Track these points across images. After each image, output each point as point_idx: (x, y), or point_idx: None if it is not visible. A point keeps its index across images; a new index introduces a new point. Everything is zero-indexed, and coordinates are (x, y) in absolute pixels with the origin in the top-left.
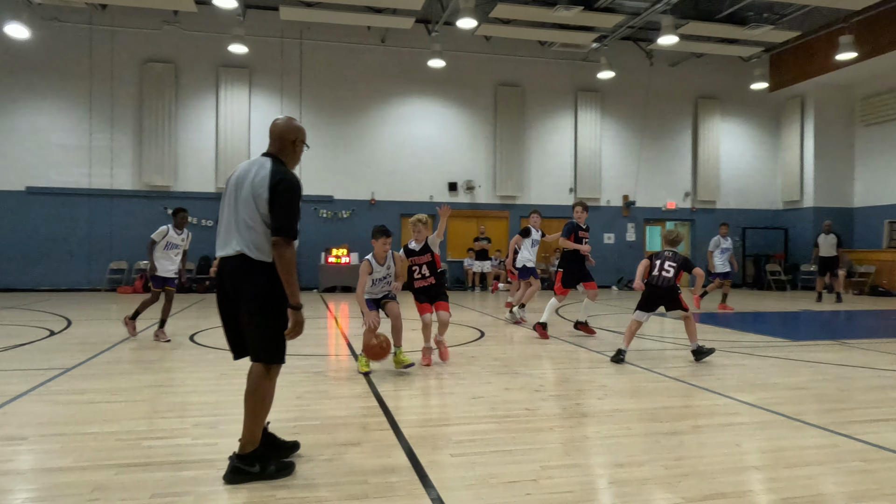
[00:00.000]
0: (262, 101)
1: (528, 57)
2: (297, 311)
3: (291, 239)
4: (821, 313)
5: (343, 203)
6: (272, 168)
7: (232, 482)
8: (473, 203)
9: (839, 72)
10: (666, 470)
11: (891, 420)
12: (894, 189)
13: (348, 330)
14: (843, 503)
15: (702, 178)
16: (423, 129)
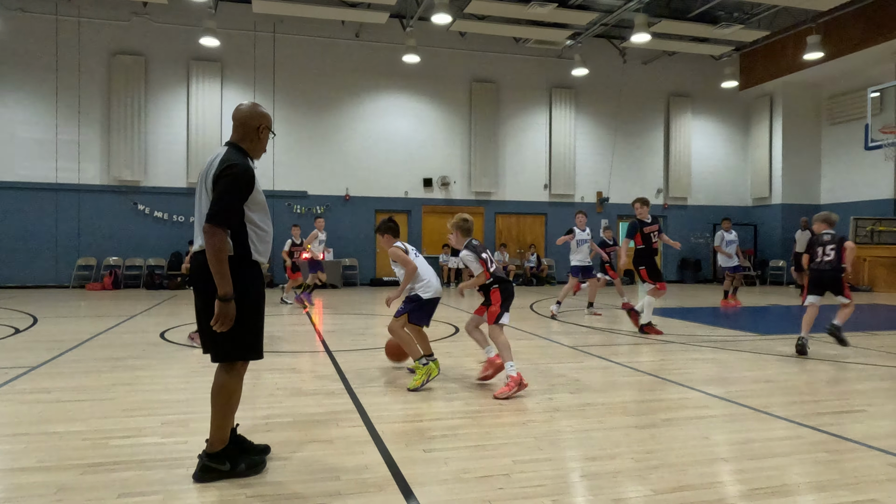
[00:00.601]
0: (234, 95)
1: (502, 53)
2: (224, 303)
3: (216, 226)
4: (788, 308)
5: (317, 198)
6: (225, 155)
7: (202, 480)
8: (448, 199)
9: (806, 71)
10: (637, 462)
11: (853, 412)
12: (859, 186)
13: (322, 326)
14: (808, 493)
15: (674, 174)
16: (398, 124)
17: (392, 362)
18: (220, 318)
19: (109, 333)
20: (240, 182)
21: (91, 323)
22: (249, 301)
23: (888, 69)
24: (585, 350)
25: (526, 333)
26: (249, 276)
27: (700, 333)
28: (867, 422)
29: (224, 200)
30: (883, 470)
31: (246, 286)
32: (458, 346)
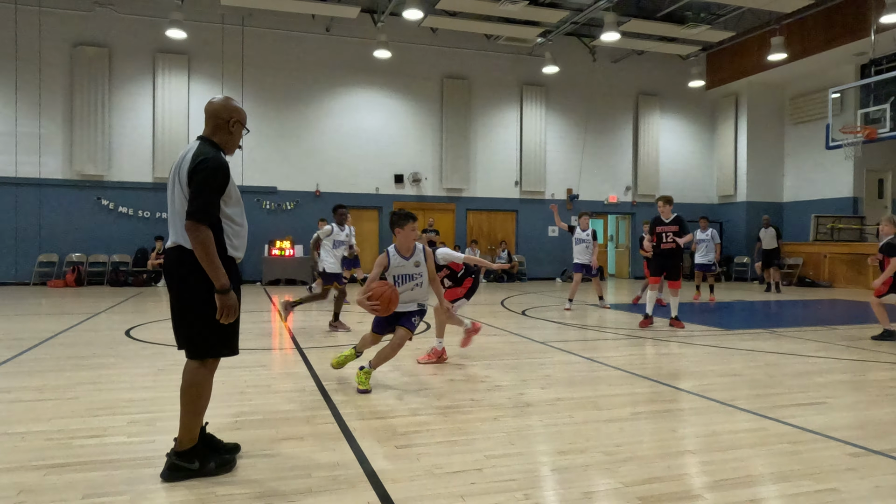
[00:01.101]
0: (202, 88)
1: (474, 50)
2: (223, 295)
3: (199, 223)
4: (752, 303)
5: (287, 194)
6: (197, 150)
7: (170, 480)
8: (420, 195)
9: (770, 72)
10: (606, 456)
11: (815, 404)
12: (820, 185)
13: (292, 323)
14: (771, 483)
15: (642, 172)
16: (369, 120)
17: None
18: (223, 311)
19: (72, 331)
20: (215, 176)
21: (53, 321)
22: None
23: (848, 71)
24: (556, 346)
25: (497, 329)
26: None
27: (667, 328)
28: (827, 413)
29: (202, 196)
30: (842, 460)
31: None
32: (428, 343)
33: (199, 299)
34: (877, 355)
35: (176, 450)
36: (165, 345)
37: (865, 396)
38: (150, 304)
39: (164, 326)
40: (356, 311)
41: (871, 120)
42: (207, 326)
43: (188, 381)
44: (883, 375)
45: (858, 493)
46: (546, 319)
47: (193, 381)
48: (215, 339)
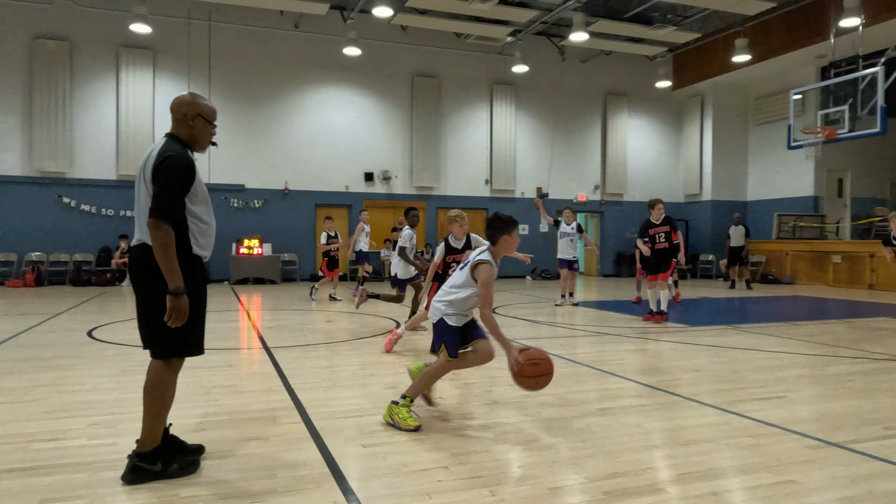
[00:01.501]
0: (167, 84)
1: (444, 48)
2: (175, 297)
3: (161, 220)
4: (717, 300)
5: (255, 192)
6: (162, 147)
7: (131, 482)
8: (390, 193)
9: (735, 73)
10: (572, 451)
11: (775, 398)
12: (782, 184)
13: (260, 323)
14: (733, 476)
15: (610, 171)
16: (338, 117)
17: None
18: (172, 313)
19: (31, 332)
20: (179, 173)
21: (11, 321)
22: (190, 296)
23: (809, 73)
24: (526, 343)
25: None
26: (189, 271)
27: (635, 325)
28: (787, 407)
29: (166, 193)
30: (801, 452)
31: (185, 280)
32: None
33: (163, 298)
34: (835, 350)
35: (138, 451)
36: (130, 345)
37: (824, 390)
38: (113, 303)
39: (128, 326)
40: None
41: (830, 121)
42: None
43: (151, 381)
44: (841, 369)
45: (815, 484)
46: (516, 317)
47: (157, 381)
48: (180, 338)
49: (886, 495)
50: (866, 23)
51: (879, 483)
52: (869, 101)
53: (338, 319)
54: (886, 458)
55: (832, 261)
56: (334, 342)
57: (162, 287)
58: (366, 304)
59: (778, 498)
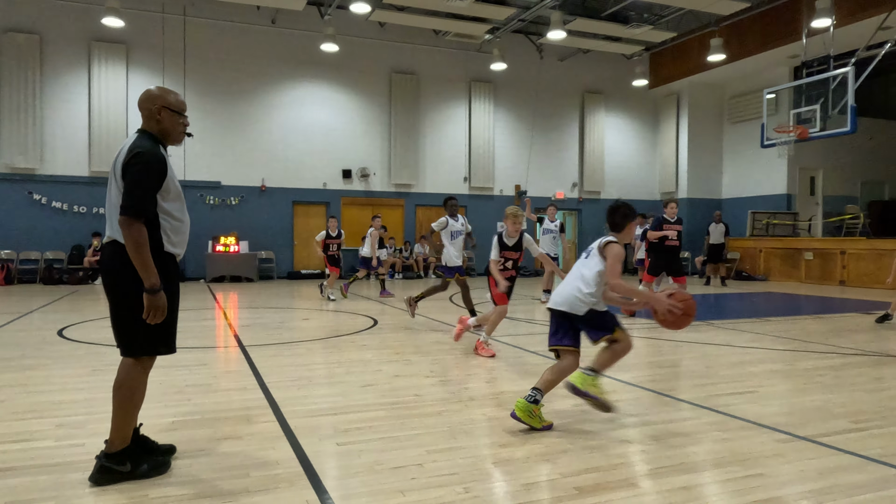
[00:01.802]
0: (141, 79)
1: (422, 45)
2: (152, 295)
3: (132, 218)
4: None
5: (231, 189)
6: (133, 142)
7: (99, 483)
8: (368, 191)
9: (710, 72)
10: (546, 447)
11: (746, 393)
12: (756, 182)
13: (236, 321)
14: (704, 470)
15: (588, 169)
16: (315, 114)
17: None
18: (150, 311)
19: (0, 332)
20: (149, 169)
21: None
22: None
23: (783, 72)
24: (504, 340)
25: (445, 325)
26: (161, 268)
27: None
28: (758, 402)
29: (137, 190)
30: (770, 446)
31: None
32: (375, 338)
33: (134, 296)
34: (806, 345)
35: (106, 451)
36: (101, 344)
37: (794, 385)
38: (86, 302)
39: (100, 325)
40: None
41: (802, 120)
42: (143, 323)
43: (121, 380)
44: (811, 364)
45: (783, 477)
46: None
47: (126, 380)
48: (151, 336)
49: (852, 487)
50: (837, 24)
51: (846, 476)
52: (840, 101)
53: (316, 317)
54: (853, 451)
55: (804, 258)
56: (311, 340)
57: (133, 285)
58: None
59: (747, 491)
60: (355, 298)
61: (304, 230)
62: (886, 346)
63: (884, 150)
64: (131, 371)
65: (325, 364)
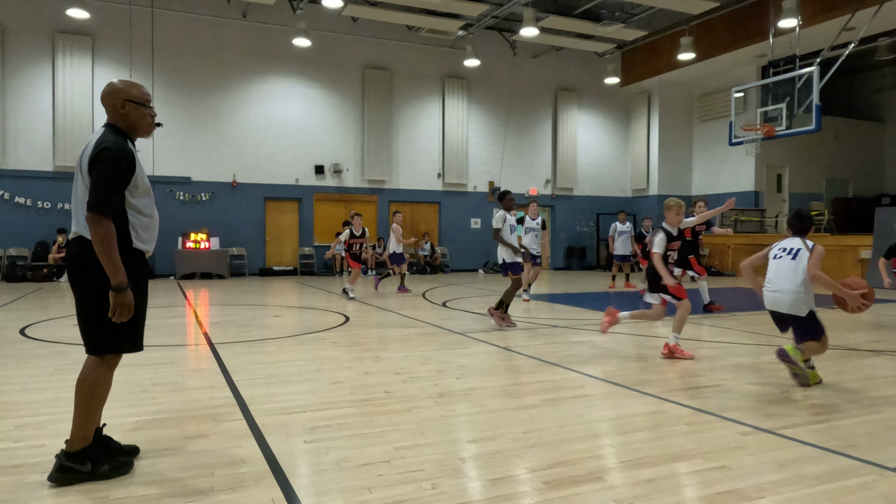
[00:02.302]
0: (108, 73)
1: (395, 41)
2: (117, 293)
3: (100, 215)
4: None
5: (202, 185)
6: (100, 137)
7: (58, 482)
8: (341, 187)
9: (680, 70)
10: (514, 442)
11: (712, 386)
12: (725, 180)
13: (206, 318)
14: (669, 462)
15: (561, 166)
16: (288, 109)
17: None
18: (116, 309)
19: None
20: (118, 165)
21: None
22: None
23: (750, 72)
24: (475, 336)
25: (417, 321)
26: (129, 265)
27: (582, 317)
28: (722, 395)
29: (104, 186)
30: (733, 438)
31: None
32: (346, 335)
33: (100, 293)
34: (771, 339)
35: (66, 451)
36: (65, 343)
37: (757, 378)
38: (50, 300)
39: (65, 324)
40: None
41: (769, 118)
42: (108, 321)
43: (84, 377)
44: (774, 358)
45: (745, 469)
46: (466, 311)
47: (89, 378)
48: (117, 334)
49: (813, 478)
50: (803, 24)
51: (806, 467)
52: (805, 100)
53: (287, 314)
54: (813, 442)
55: None
56: (282, 337)
57: (99, 281)
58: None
59: (710, 483)
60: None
61: (276, 226)
62: (846, 340)
63: (847, 148)
64: (95, 369)
65: (295, 361)
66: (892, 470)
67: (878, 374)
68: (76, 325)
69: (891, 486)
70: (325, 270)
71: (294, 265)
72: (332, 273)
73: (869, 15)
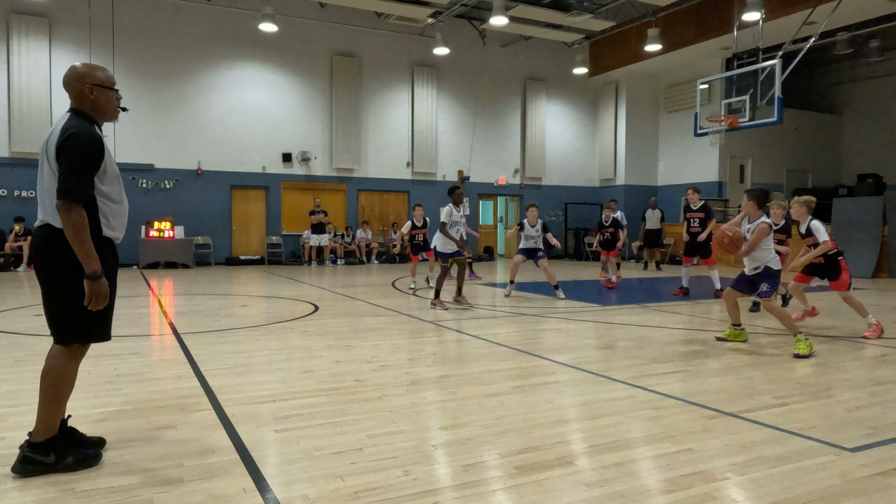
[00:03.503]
0: (66, 56)
1: (364, 28)
2: (93, 281)
3: (71, 202)
4: (629, 280)
5: (166, 172)
6: (65, 123)
7: (22, 474)
8: (309, 175)
9: (647, 62)
10: (486, 429)
11: (677, 372)
12: (690, 170)
13: (171, 308)
14: (637, 446)
15: (529, 155)
16: (254, 96)
17: None
18: (92, 297)
19: None
20: (87, 151)
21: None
22: None
23: (715, 64)
24: (445, 325)
25: (388, 310)
26: (99, 253)
27: (551, 305)
28: (688, 380)
29: (73, 173)
30: (699, 422)
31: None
32: (316, 324)
33: (68, 281)
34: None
35: (30, 441)
36: (24, 334)
37: (721, 364)
38: (8, 290)
39: (24, 315)
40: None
41: (733, 110)
42: (77, 310)
43: (49, 366)
44: (739, 344)
45: (710, 451)
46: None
47: (55, 367)
48: (85, 323)
49: (774, 460)
50: (766, 17)
51: (768, 448)
52: (767, 92)
53: (255, 304)
54: (775, 425)
55: None
56: (250, 327)
57: (69, 269)
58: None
59: (676, 466)
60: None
61: (242, 215)
62: (807, 326)
63: (807, 139)
64: (60, 358)
65: (264, 351)
66: (849, 450)
67: (834, 359)
68: (36, 316)
69: (847, 466)
70: (293, 260)
71: (261, 254)
72: (301, 262)
73: (829, 10)
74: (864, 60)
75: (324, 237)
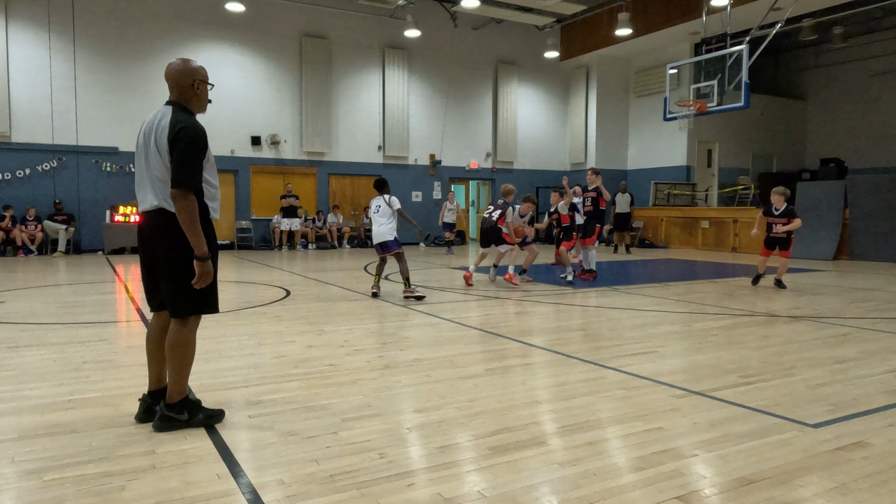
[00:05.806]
0: (24, 36)
1: (334, 8)
2: (201, 262)
3: (186, 191)
4: (600, 264)
5: (130, 156)
6: (172, 117)
7: (161, 430)
8: (279, 158)
9: (618, 46)
10: (460, 411)
11: (647, 353)
12: (659, 154)
13: (138, 294)
14: (608, 426)
15: (501, 139)
16: (221, 77)
17: None
18: (201, 277)
19: None
20: (197, 143)
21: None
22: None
23: (684, 49)
24: (418, 309)
25: (360, 294)
26: (207, 235)
27: (524, 288)
28: (657, 361)
29: (188, 164)
30: (668, 401)
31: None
32: (288, 309)
33: (186, 260)
34: (702, 308)
35: (166, 402)
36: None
37: (690, 344)
38: None
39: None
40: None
41: (701, 95)
42: (189, 287)
43: (173, 340)
44: (706, 325)
45: (679, 430)
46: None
47: (178, 339)
48: (198, 298)
49: (741, 436)
50: (734, 3)
51: (734, 426)
52: (735, 77)
53: (226, 289)
54: (741, 403)
55: (701, 226)
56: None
57: (185, 251)
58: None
59: (647, 444)
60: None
61: None
62: (772, 307)
63: (773, 124)
64: (183, 330)
65: (236, 336)
66: (811, 426)
67: (798, 339)
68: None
69: (810, 441)
70: (263, 244)
71: (231, 239)
72: (271, 247)
73: None
74: (829, 46)
75: (295, 221)
